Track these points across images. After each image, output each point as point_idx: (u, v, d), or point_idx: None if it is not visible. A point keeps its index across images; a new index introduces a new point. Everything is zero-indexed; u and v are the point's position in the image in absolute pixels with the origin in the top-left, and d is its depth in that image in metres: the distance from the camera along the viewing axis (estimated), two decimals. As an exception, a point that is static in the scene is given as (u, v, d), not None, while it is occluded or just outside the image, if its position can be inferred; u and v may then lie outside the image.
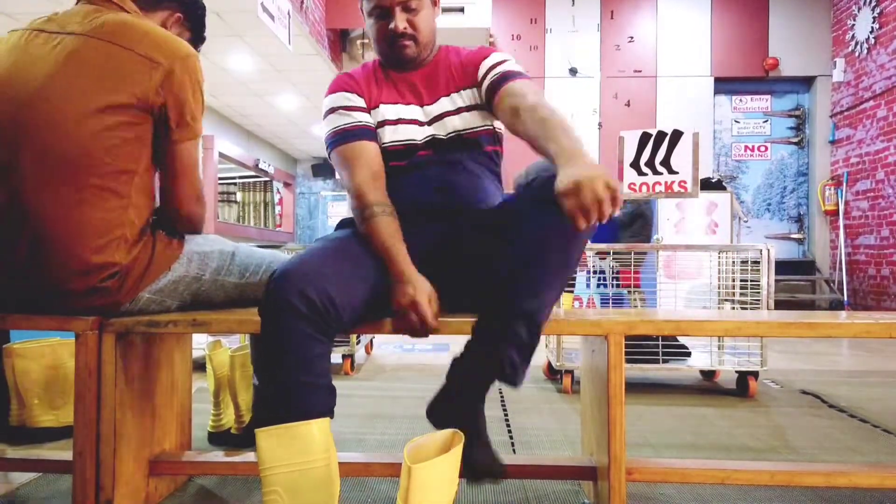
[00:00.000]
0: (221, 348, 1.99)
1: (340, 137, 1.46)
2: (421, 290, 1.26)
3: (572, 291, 3.19)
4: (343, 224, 1.52)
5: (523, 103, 1.33)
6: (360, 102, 1.50)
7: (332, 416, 1.17)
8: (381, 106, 1.50)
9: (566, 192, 1.05)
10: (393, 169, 1.47)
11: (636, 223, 4.14)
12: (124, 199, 1.29)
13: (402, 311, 1.26)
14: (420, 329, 1.26)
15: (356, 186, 1.40)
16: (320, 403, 1.16)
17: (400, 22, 1.44)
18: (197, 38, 1.59)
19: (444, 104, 1.50)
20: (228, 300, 1.52)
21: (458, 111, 1.49)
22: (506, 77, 1.44)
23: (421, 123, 1.50)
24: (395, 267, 1.30)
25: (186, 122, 1.34)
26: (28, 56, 1.30)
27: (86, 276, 1.28)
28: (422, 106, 1.51)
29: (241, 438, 1.92)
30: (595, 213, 1.04)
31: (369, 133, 1.47)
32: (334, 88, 1.52)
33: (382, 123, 1.49)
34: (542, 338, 1.30)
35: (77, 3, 1.41)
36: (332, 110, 1.50)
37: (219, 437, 1.96)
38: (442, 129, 1.49)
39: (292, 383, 1.15)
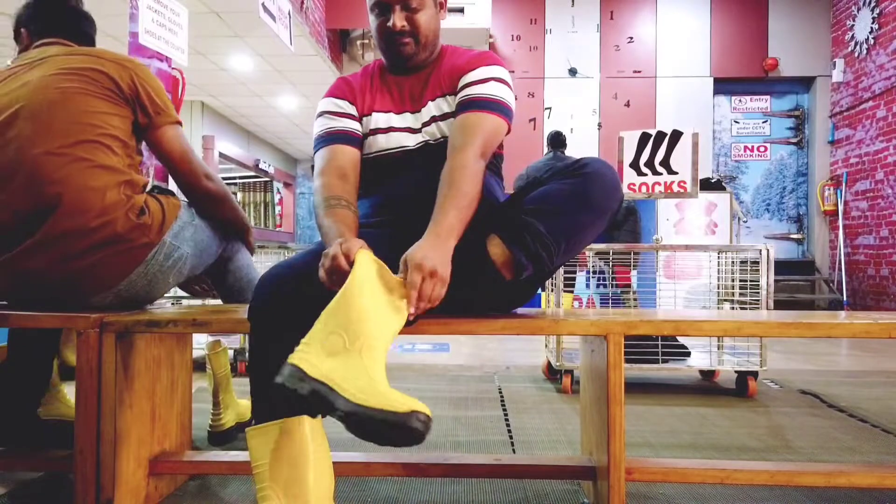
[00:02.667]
0: (221, 348, 2.00)
1: (320, 141, 1.49)
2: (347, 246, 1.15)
3: (572, 291, 3.20)
4: None
5: (457, 151, 1.33)
6: (350, 109, 1.51)
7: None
8: (374, 114, 1.50)
9: (404, 262, 1.14)
10: (388, 172, 1.48)
11: (629, 220, 4.16)
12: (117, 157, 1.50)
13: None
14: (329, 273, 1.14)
15: (321, 184, 1.40)
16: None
17: (398, 19, 1.43)
18: None
19: (431, 109, 1.48)
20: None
21: (443, 117, 1.47)
22: (472, 104, 1.40)
23: (413, 130, 1.48)
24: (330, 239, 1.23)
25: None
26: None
27: (111, 212, 1.44)
28: (413, 112, 1.49)
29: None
30: (416, 297, 1.11)
31: (350, 138, 1.48)
32: (328, 93, 1.55)
33: (375, 131, 1.49)
34: (542, 338, 1.30)
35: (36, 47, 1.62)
36: (321, 114, 1.52)
37: (219, 437, 1.96)
38: (431, 135, 1.47)
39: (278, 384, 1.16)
